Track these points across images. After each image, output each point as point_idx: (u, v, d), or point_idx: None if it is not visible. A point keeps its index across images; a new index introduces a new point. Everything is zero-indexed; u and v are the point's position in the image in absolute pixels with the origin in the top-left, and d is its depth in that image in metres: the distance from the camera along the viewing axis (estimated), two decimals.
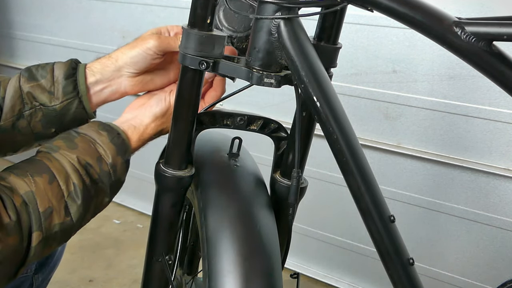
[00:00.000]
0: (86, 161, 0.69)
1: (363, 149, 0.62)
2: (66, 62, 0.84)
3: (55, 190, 0.65)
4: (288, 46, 0.60)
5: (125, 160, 0.73)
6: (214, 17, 0.65)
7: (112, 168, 0.71)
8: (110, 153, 0.71)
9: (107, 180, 0.71)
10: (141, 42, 0.81)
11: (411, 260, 0.64)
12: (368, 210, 0.61)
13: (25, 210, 0.61)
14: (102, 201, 0.72)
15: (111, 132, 0.72)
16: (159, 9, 1.78)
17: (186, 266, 1.07)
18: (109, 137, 0.72)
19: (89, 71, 0.83)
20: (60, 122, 0.82)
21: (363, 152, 0.62)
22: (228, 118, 0.76)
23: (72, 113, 0.82)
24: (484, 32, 0.50)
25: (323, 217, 1.65)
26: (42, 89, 0.81)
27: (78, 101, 0.81)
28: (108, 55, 0.83)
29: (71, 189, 0.67)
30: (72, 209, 0.67)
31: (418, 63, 1.34)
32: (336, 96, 0.61)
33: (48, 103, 0.81)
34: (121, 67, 0.81)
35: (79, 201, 0.67)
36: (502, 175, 1.29)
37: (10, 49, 2.32)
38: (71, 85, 0.81)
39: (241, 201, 0.71)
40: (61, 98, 0.81)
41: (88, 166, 0.69)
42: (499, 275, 1.36)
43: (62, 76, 0.81)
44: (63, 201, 0.66)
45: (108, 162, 0.70)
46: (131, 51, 0.81)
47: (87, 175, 0.68)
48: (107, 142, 0.71)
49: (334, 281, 1.70)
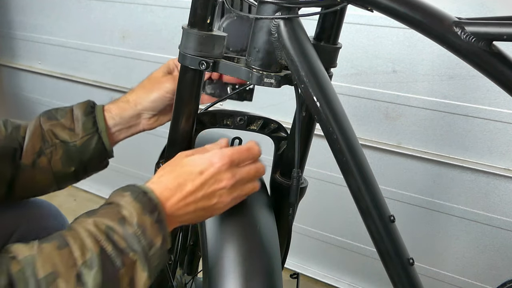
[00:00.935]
0: (106, 224, 0.57)
1: (363, 149, 0.62)
2: (84, 102, 0.85)
3: (64, 256, 0.54)
4: (288, 46, 0.60)
5: (156, 220, 0.59)
6: (214, 17, 0.65)
7: (140, 229, 0.58)
8: (135, 212, 0.58)
9: (138, 246, 0.57)
10: (157, 85, 0.82)
11: (411, 260, 0.64)
12: (368, 210, 0.61)
13: (23, 278, 0.52)
14: (137, 274, 0.58)
15: (134, 191, 0.61)
16: (159, 9, 1.78)
17: (186, 266, 1.07)
18: (132, 196, 0.60)
19: (108, 113, 0.84)
20: (80, 159, 0.83)
21: (363, 152, 0.62)
22: (228, 118, 0.76)
23: (92, 149, 0.83)
24: (484, 32, 0.50)
25: (323, 217, 1.65)
26: (62, 127, 0.82)
27: (97, 137, 0.83)
28: (125, 98, 0.85)
29: (88, 257, 0.55)
30: (87, 278, 0.54)
31: (418, 63, 1.34)
32: (336, 96, 0.61)
33: (69, 140, 0.82)
34: (141, 111, 0.84)
35: (95, 268, 0.55)
36: (502, 175, 1.29)
37: (10, 49, 2.32)
38: (90, 121, 0.82)
39: (241, 201, 0.71)
40: (81, 134, 0.82)
41: (109, 230, 0.57)
42: (499, 275, 1.36)
43: (81, 113, 0.83)
44: (74, 269, 0.54)
45: (133, 222, 0.58)
46: (149, 95, 0.83)
47: (108, 240, 0.56)
48: (130, 201, 0.59)
49: (334, 281, 1.70)
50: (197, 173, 0.63)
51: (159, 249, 0.59)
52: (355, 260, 1.63)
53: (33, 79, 2.29)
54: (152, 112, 0.84)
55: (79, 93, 2.12)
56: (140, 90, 0.84)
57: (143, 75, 0.88)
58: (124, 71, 1.94)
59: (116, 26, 1.91)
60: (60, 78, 2.17)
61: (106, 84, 2.01)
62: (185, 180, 0.63)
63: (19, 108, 2.40)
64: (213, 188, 0.63)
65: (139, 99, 0.83)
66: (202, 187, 0.63)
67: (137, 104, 0.83)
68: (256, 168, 0.68)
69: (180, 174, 0.63)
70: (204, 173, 0.63)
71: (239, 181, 0.65)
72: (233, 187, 0.65)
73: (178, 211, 0.62)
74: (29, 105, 2.36)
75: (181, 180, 0.63)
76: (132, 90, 0.86)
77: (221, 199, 0.64)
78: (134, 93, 0.85)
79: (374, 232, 0.63)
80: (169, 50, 1.78)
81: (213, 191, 0.64)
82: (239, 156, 0.66)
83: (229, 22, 0.75)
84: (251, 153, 0.67)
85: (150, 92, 0.83)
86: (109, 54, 1.97)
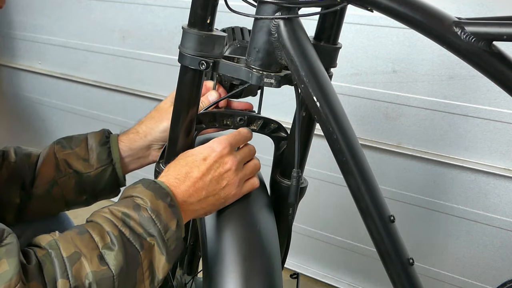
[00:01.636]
0: (121, 210, 0.60)
1: (363, 149, 0.62)
2: (99, 131, 0.85)
3: (85, 240, 0.57)
4: (288, 46, 0.60)
5: (169, 204, 0.61)
6: (214, 17, 0.65)
7: (154, 213, 0.60)
8: (148, 198, 0.61)
9: (154, 230, 0.59)
10: (166, 115, 0.81)
11: (411, 260, 0.64)
12: (368, 210, 0.61)
13: (49, 259, 0.54)
14: (155, 257, 0.60)
15: (145, 181, 0.63)
16: (159, 9, 1.78)
17: (186, 266, 1.07)
18: (144, 185, 0.62)
19: (120, 143, 0.84)
20: (93, 189, 0.84)
21: (363, 152, 0.62)
22: (228, 118, 0.76)
23: (106, 180, 0.83)
24: (484, 32, 0.50)
25: (323, 217, 1.65)
26: (77, 157, 0.82)
27: (112, 168, 0.83)
28: (135, 129, 0.85)
29: (107, 240, 0.57)
30: (109, 258, 0.56)
31: (418, 63, 1.34)
32: (336, 96, 0.61)
33: (83, 171, 0.82)
34: (151, 142, 0.84)
35: (115, 248, 0.57)
36: (502, 175, 1.29)
37: (10, 49, 2.32)
38: (105, 153, 0.82)
39: (241, 201, 0.71)
40: (96, 165, 0.82)
41: (124, 217, 0.59)
42: (499, 275, 1.36)
43: (96, 143, 0.83)
44: (96, 251, 0.56)
45: (147, 207, 0.60)
46: (158, 125, 0.82)
47: (125, 226, 0.59)
48: (142, 190, 0.62)
49: (334, 281, 1.70)
50: (201, 160, 0.66)
51: (174, 233, 0.61)
52: (355, 260, 1.63)
53: (33, 79, 2.29)
54: (162, 142, 0.83)
55: (79, 93, 2.12)
56: (149, 121, 0.83)
57: (143, 75, 0.88)
58: (124, 71, 1.94)
59: (116, 26, 1.91)
60: (60, 78, 2.17)
61: (106, 84, 2.01)
62: (191, 167, 0.66)
63: (19, 108, 2.40)
64: (219, 171, 0.67)
65: (149, 129, 0.83)
66: (209, 171, 0.66)
67: (147, 135, 0.83)
68: (249, 149, 0.73)
69: (185, 164, 0.66)
70: (207, 159, 0.66)
71: (241, 161, 0.69)
72: (237, 168, 0.68)
73: (189, 198, 0.65)
74: (29, 105, 2.36)
75: (187, 168, 0.66)
76: (141, 121, 0.85)
77: (230, 181, 0.67)
78: (143, 124, 0.84)
79: (374, 232, 0.63)
80: (169, 50, 1.78)
81: (220, 174, 0.67)
82: (235, 138, 0.70)
83: (232, 49, 0.76)
84: (243, 135, 0.72)
85: (159, 122, 0.82)
86: (109, 54, 1.97)
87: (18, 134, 2.43)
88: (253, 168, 0.72)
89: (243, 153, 0.71)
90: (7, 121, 2.46)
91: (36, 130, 2.36)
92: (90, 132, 0.85)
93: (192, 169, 0.66)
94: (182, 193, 0.64)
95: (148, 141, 0.83)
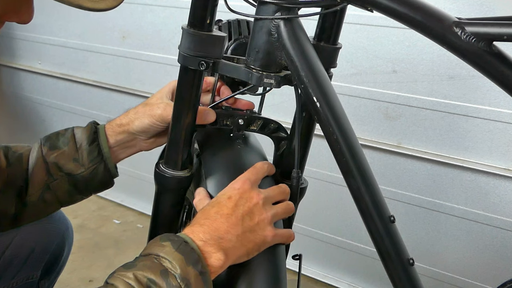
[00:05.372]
0: (147, 276, 0.54)
1: (363, 149, 0.62)
2: (87, 126, 0.83)
3: None
4: (288, 47, 0.60)
5: (200, 272, 0.56)
6: (214, 17, 0.65)
7: (184, 282, 0.55)
8: (178, 264, 0.55)
9: None
10: (149, 112, 0.79)
11: (411, 260, 0.64)
12: (368, 210, 0.61)
13: None
14: None
15: (175, 241, 0.58)
16: (159, 9, 1.78)
17: None
18: (173, 246, 0.57)
19: (108, 134, 0.82)
20: (86, 187, 0.83)
21: (363, 152, 0.62)
22: (228, 118, 0.76)
23: (98, 176, 0.82)
24: (484, 32, 0.50)
25: (323, 217, 1.65)
26: (67, 157, 0.80)
27: (103, 164, 0.81)
28: (119, 121, 0.83)
29: None
30: None
31: (418, 63, 1.34)
32: (336, 96, 0.61)
33: (75, 171, 0.80)
34: (134, 135, 0.82)
35: None
36: (502, 175, 1.29)
37: (10, 49, 2.32)
38: (95, 150, 0.81)
39: None
40: (87, 164, 0.80)
41: (151, 284, 0.54)
42: (499, 275, 1.36)
43: (85, 142, 0.81)
44: None
45: (176, 274, 0.55)
46: (139, 122, 0.80)
47: None
48: (171, 252, 0.56)
49: (334, 281, 1.70)
50: (226, 199, 0.63)
51: None
52: (355, 260, 1.63)
53: (33, 79, 2.28)
54: (146, 136, 0.82)
55: (79, 93, 2.12)
56: (133, 115, 0.82)
57: (143, 75, 0.88)
58: (124, 71, 1.94)
59: (116, 26, 1.91)
60: (60, 78, 2.17)
61: (106, 84, 2.01)
62: (219, 207, 0.63)
63: (19, 108, 2.40)
64: (248, 205, 0.63)
65: (131, 123, 0.81)
66: (237, 206, 0.62)
67: (129, 128, 0.81)
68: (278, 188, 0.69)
69: (212, 206, 0.63)
70: (232, 196, 0.63)
71: (268, 197, 0.66)
72: (265, 203, 0.65)
73: (227, 234, 0.61)
74: (29, 105, 2.36)
75: (215, 208, 0.63)
76: (127, 112, 0.84)
77: (261, 217, 0.63)
78: (127, 117, 0.82)
79: (374, 232, 0.62)
80: (169, 50, 1.78)
81: (249, 207, 0.63)
82: (253, 173, 0.67)
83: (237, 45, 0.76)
84: (258, 169, 0.68)
85: (141, 118, 0.80)
86: (109, 54, 1.97)
87: (18, 134, 2.43)
88: (285, 207, 0.67)
89: (270, 190, 0.67)
90: (7, 121, 2.46)
91: (36, 130, 2.36)
92: (76, 126, 0.83)
93: (220, 208, 0.62)
94: (217, 230, 0.60)
95: (131, 134, 0.82)
